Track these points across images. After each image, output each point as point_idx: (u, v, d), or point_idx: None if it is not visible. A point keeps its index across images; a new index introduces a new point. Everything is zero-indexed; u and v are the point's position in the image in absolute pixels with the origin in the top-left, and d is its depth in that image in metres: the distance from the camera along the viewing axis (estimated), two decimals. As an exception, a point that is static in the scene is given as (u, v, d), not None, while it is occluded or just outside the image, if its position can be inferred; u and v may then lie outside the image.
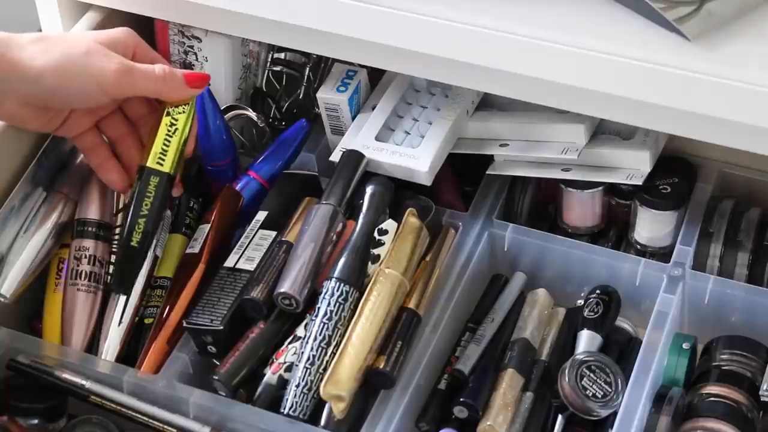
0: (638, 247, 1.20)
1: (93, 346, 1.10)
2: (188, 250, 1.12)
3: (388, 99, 1.19)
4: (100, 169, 1.10)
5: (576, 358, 1.07)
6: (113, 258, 1.12)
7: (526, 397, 1.09)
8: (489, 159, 1.20)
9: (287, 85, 1.31)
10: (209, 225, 1.11)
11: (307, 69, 1.29)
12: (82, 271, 1.10)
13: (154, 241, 1.08)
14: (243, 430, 1.03)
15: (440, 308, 1.11)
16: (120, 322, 1.09)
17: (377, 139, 1.16)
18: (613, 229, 1.23)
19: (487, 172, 1.19)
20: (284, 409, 1.02)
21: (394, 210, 1.13)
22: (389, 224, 1.11)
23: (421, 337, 1.08)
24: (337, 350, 1.02)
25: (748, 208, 1.18)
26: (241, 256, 1.10)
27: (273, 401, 1.04)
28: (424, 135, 1.16)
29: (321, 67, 1.29)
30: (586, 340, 1.11)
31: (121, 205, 1.14)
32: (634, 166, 1.15)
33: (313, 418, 1.02)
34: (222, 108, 1.22)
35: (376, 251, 1.08)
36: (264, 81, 1.30)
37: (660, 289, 1.11)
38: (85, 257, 1.11)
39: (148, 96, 1.06)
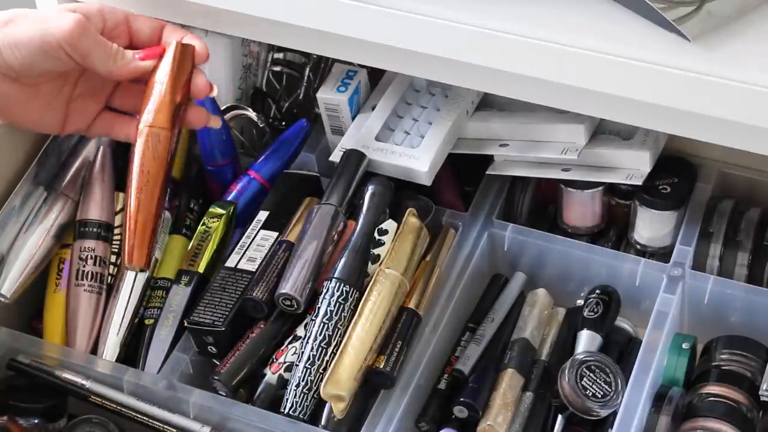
0: (638, 247, 1.20)
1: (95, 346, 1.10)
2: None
3: (388, 99, 1.19)
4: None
5: (576, 358, 1.07)
6: (113, 258, 1.13)
7: (526, 397, 1.09)
8: (489, 159, 1.20)
9: (287, 85, 1.31)
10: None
11: (307, 69, 1.29)
12: (88, 271, 1.10)
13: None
14: (243, 430, 1.03)
15: (440, 308, 1.11)
16: (120, 323, 1.09)
17: (377, 139, 1.16)
18: (613, 229, 1.23)
19: (487, 172, 1.19)
20: (284, 409, 1.02)
21: (394, 210, 1.13)
22: (389, 224, 1.11)
23: (421, 337, 1.08)
24: (337, 350, 1.02)
25: (748, 208, 1.18)
26: (242, 256, 1.10)
27: (273, 401, 1.04)
28: (424, 135, 1.16)
29: (321, 67, 1.29)
30: (586, 340, 1.11)
31: (119, 207, 1.14)
32: (634, 166, 1.15)
33: (313, 418, 1.02)
34: (222, 108, 1.22)
35: (376, 251, 1.08)
36: (264, 81, 1.30)
37: (660, 289, 1.11)
38: (91, 258, 1.11)
39: (99, 72, 0.99)
